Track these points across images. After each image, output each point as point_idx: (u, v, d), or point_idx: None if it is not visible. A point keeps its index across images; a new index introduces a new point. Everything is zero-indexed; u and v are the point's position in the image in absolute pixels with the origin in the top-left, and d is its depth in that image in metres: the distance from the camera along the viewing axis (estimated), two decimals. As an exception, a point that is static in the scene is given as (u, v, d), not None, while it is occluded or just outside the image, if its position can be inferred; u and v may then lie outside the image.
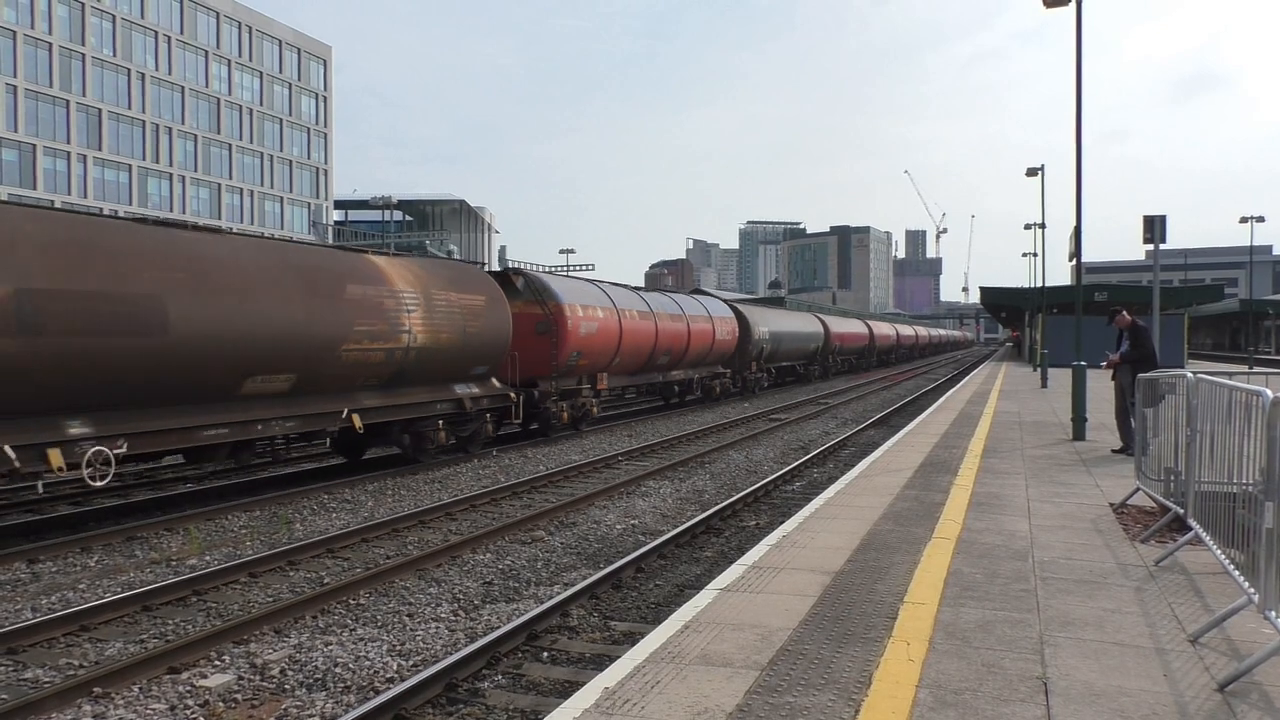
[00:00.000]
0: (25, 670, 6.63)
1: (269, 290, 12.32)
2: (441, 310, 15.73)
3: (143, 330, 10.58)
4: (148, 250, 10.98)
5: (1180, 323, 40.50)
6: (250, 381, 12.22)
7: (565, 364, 20.39)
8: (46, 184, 69.37)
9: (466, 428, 16.96)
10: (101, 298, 10.17)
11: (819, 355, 44.62)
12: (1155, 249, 19.63)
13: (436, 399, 15.98)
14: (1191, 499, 6.72)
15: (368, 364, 14.06)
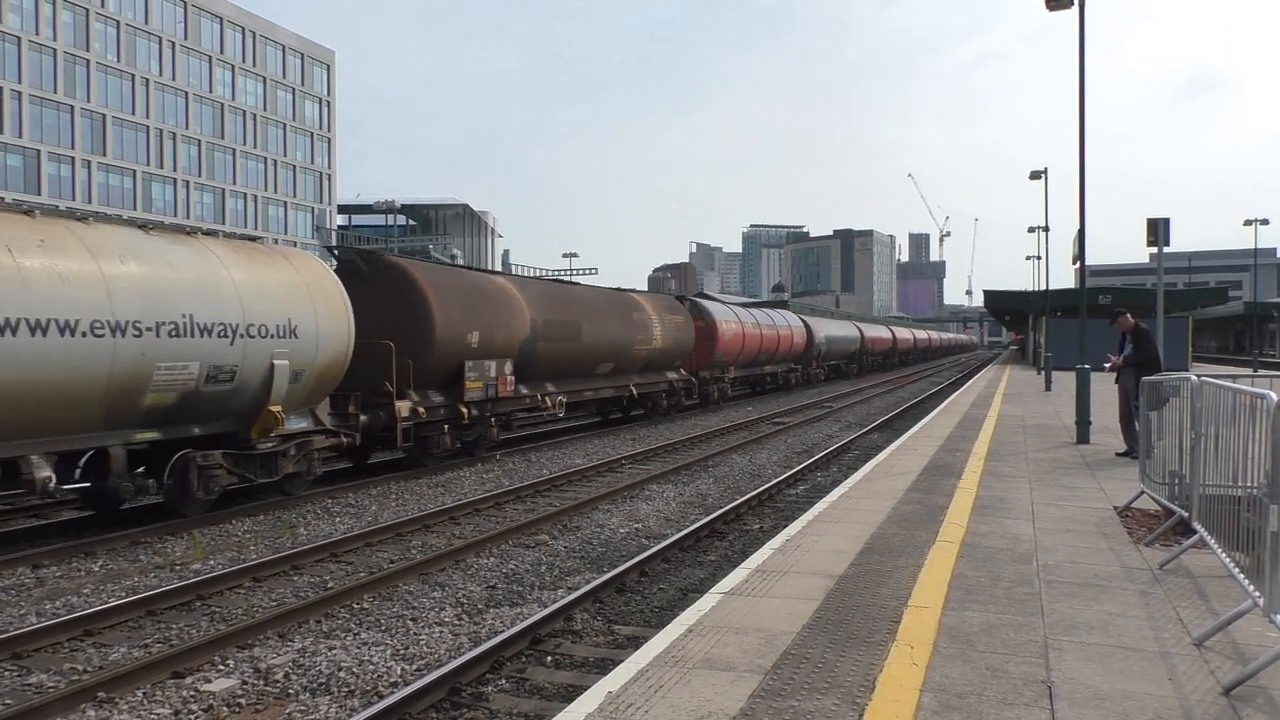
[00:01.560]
0: (30, 675, 6.64)
1: (607, 318, 22.61)
2: (667, 326, 25.99)
3: (575, 340, 20.77)
4: (573, 297, 21.79)
5: (1184, 326, 40.43)
6: (600, 366, 22.56)
7: (715, 360, 30.56)
8: (51, 189, 69.56)
9: (674, 398, 27.35)
10: (561, 323, 20.20)
11: (857, 355, 55.17)
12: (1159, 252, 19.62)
13: (661, 380, 26.29)
14: (1196, 502, 6.71)
15: (638, 358, 24.46)
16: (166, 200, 79.47)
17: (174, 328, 10.96)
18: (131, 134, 76.65)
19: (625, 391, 23.85)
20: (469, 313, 16.91)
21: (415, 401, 15.51)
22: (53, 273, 9.74)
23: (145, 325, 10.61)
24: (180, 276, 11.21)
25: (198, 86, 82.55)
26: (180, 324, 11.06)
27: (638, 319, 24.26)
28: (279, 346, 12.41)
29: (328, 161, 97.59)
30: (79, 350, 9.89)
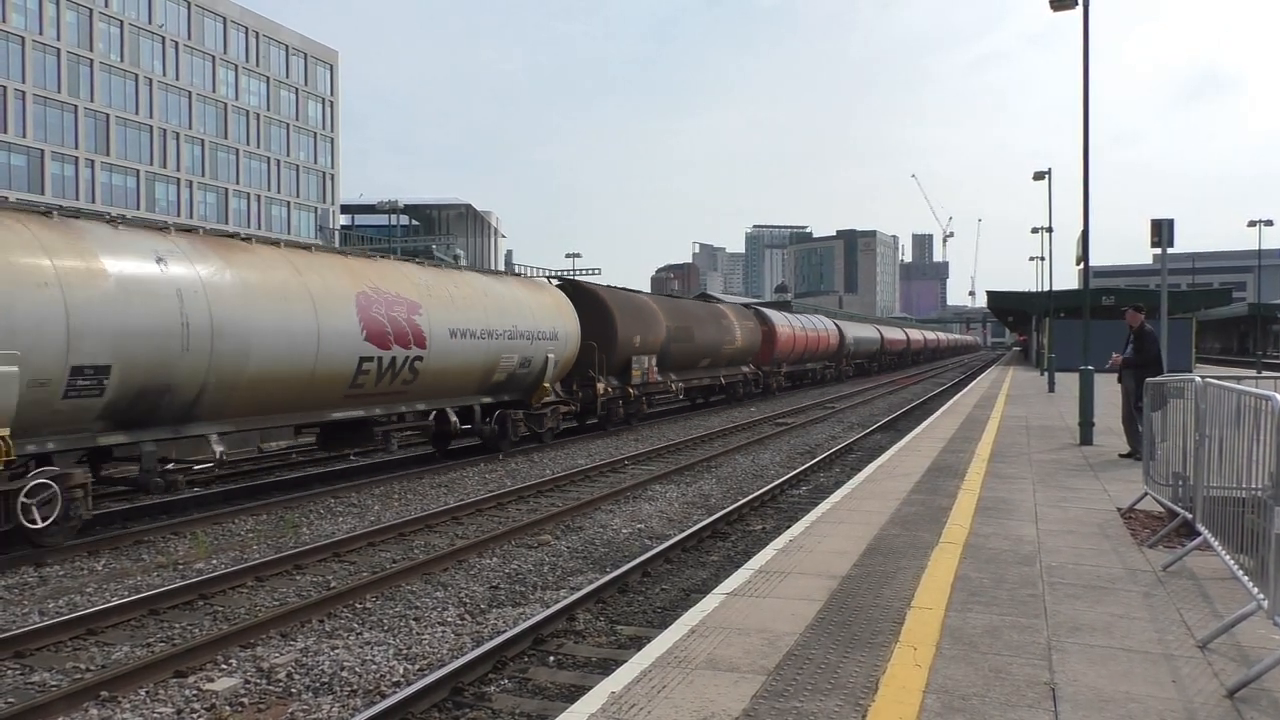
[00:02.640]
0: (33, 674, 6.65)
1: (706, 324, 29.25)
2: (743, 330, 32.58)
3: (690, 341, 27.13)
4: (687, 308, 28.84)
5: (1188, 327, 40.37)
6: (702, 360, 28.95)
7: (775, 358, 36.64)
8: (54, 189, 69.66)
9: (746, 388, 33.87)
10: (682, 329, 26.43)
11: (878, 354, 62.16)
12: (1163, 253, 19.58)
13: (738, 372, 32.82)
14: (1200, 504, 6.69)
15: (725, 355, 30.91)
16: (170, 200, 79.56)
17: (509, 334, 17.70)
18: (135, 134, 76.75)
19: (717, 380, 31.13)
20: (634, 322, 23.61)
21: (607, 384, 22.39)
22: (470, 301, 16.97)
23: (499, 333, 17.39)
24: (506, 302, 17.99)
25: (201, 86, 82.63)
26: (511, 331, 17.80)
27: (724, 324, 31.08)
28: (549, 345, 19.16)
29: (331, 161, 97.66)
30: (486, 347, 17.13)
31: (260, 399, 12.54)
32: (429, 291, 15.80)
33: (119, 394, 10.53)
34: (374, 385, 14.37)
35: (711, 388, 31.54)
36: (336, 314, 13.41)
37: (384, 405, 15.05)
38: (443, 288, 16.32)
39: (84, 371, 10.07)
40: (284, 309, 12.53)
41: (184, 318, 11.11)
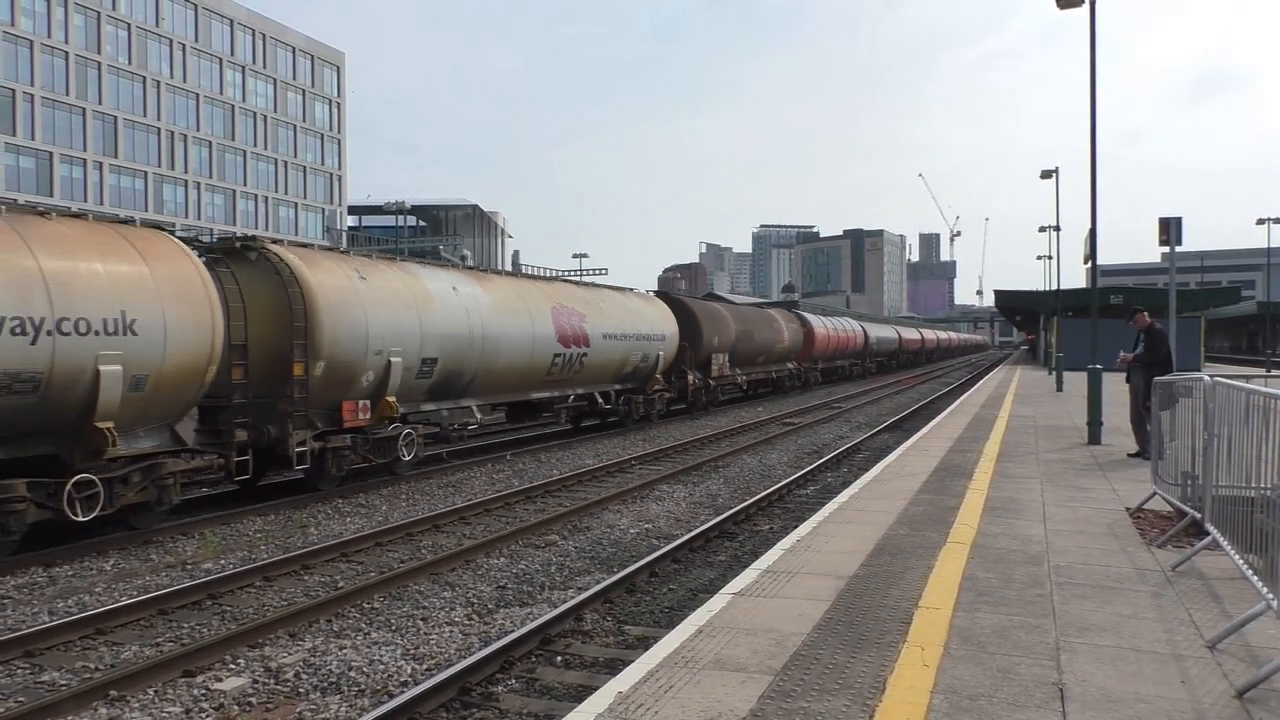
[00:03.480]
0: (42, 673, 6.67)
1: (762, 325, 34.07)
2: (789, 331, 37.47)
3: (751, 341, 32.07)
4: (749, 313, 34.62)
5: (1197, 326, 40.22)
6: (759, 357, 33.46)
7: (813, 356, 41.60)
8: (63, 191, 69.90)
9: (791, 382, 38.56)
10: (746, 331, 31.61)
11: (896, 352, 66.59)
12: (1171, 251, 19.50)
13: (784, 368, 37.62)
14: (1209, 503, 6.67)
15: (775, 353, 35.39)
16: (178, 202, 79.77)
17: (636, 336, 22.80)
18: (143, 136, 76.96)
19: (769, 374, 36.09)
20: (713, 326, 28.73)
21: (694, 376, 27.44)
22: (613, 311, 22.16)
23: (630, 336, 22.49)
24: (632, 312, 23.40)
25: (208, 88, 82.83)
26: (637, 335, 22.94)
27: (775, 326, 35.99)
28: (660, 345, 24.29)
29: (338, 162, 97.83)
30: (622, 346, 22.15)
31: (500, 383, 17.80)
32: (589, 304, 21.22)
33: (438, 377, 15.78)
34: (559, 374, 19.64)
35: (765, 381, 36.23)
36: (541, 323, 18.68)
37: (559, 389, 20.20)
38: (597, 301, 21.89)
39: (426, 361, 15.27)
40: (516, 320, 17.80)
41: (468, 327, 16.23)
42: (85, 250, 10.24)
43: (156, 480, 11.09)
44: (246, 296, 12.55)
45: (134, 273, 10.60)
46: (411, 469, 15.29)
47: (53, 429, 9.98)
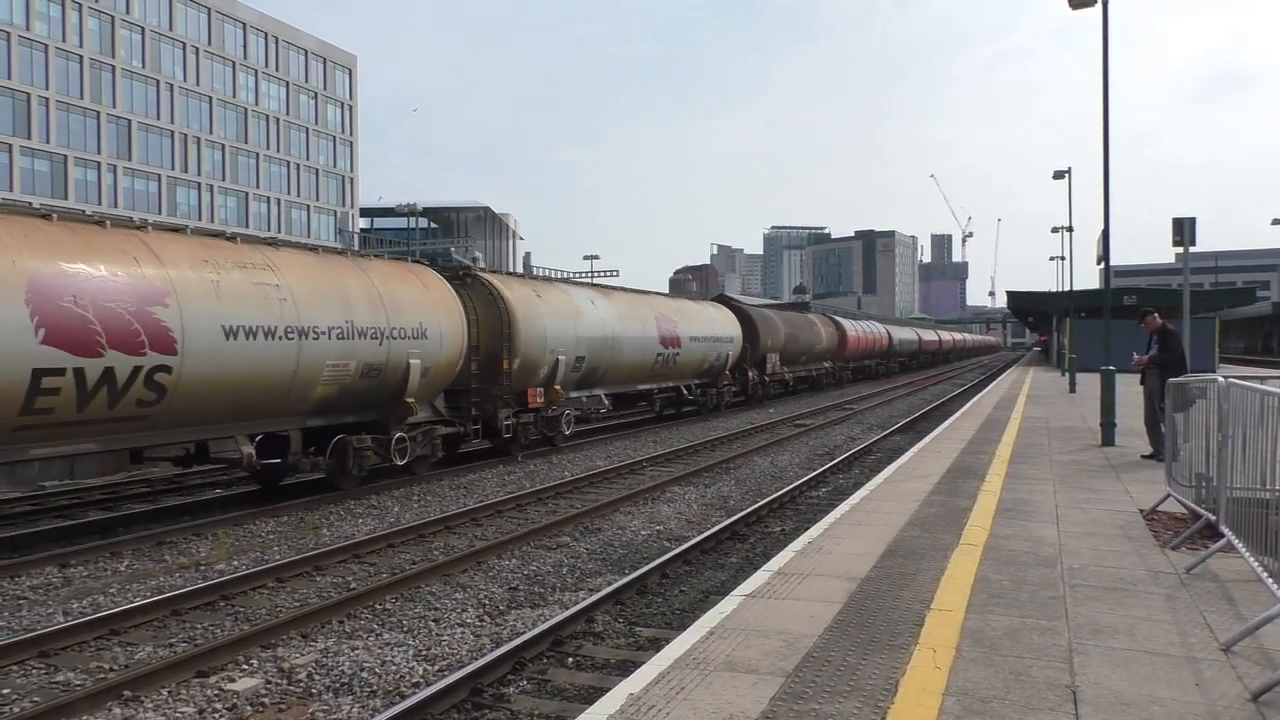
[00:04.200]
0: (57, 673, 6.72)
1: (806, 329, 38.78)
2: (826, 333, 41.27)
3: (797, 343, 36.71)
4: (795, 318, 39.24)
5: (1211, 326, 39.99)
6: (802, 357, 37.85)
7: (846, 356, 45.89)
8: (77, 194, 70.36)
9: (827, 379, 42.28)
10: (792, 334, 36.18)
11: (916, 353, 70.74)
12: (1185, 252, 19.40)
13: (821, 367, 41.30)
14: (1223, 505, 6.63)
15: (814, 354, 39.64)
16: (191, 205, 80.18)
17: (711, 339, 27.22)
18: (156, 139, 77.41)
19: (810, 372, 40.01)
20: (767, 330, 33.15)
21: (753, 373, 32.14)
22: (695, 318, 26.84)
23: (707, 338, 26.74)
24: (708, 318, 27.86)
25: (221, 91, 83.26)
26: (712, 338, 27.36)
27: (815, 329, 40.35)
28: (729, 347, 28.78)
29: (350, 165, 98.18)
30: (703, 347, 26.28)
31: (620, 376, 22.46)
32: (678, 313, 25.84)
33: (584, 371, 20.23)
34: (659, 370, 24.25)
35: (807, 378, 40.15)
36: (649, 328, 23.42)
37: (657, 382, 24.86)
38: (683, 311, 26.53)
39: (579, 359, 19.74)
40: (633, 327, 22.51)
41: (604, 332, 20.93)
42: (396, 279, 14.79)
43: (430, 440, 15.52)
44: (472, 311, 17.04)
45: (423, 295, 15.19)
46: (564, 440, 20.02)
47: (382, 403, 14.43)
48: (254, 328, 11.67)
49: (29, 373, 9.20)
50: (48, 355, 9.31)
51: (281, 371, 12.16)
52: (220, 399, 11.45)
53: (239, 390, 11.63)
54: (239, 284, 11.62)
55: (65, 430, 9.94)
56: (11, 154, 66.25)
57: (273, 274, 12.29)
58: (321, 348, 12.77)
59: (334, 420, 13.73)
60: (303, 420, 13.12)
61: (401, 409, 14.52)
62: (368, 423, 14.33)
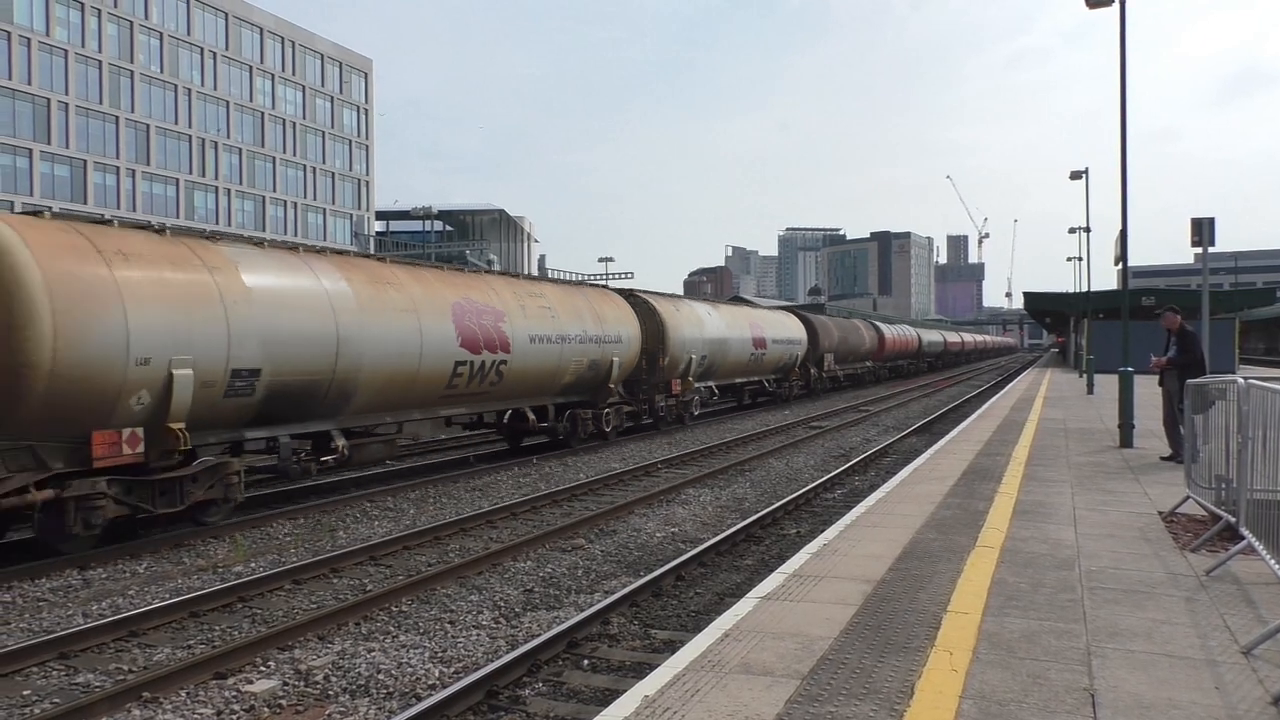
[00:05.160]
0: (77, 675, 6.77)
1: (854, 332, 44.14)
2: (869, 336, 46.98)
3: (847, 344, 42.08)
4: (843, 322, 44.67)
5: (1231, 327, 39.67)
6: (849, 358, 43.31)
7: (884, 356, 51.44)
8: (97, 198, 70.95)
9: (869, 376, 47.96)
10: (842, 336, 41.36)
11: (942, 354, 76.68)
12: (1204, 252, 19.26)
13: (864, 366, 47.27)
14: (1244, 507, 6.58)
15: (857, 354, 44.92)
16: (209, 208, 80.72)
17: (786, 341, 32.91)
18: (174, 143, 77.98)
19: (855, 370, 45.46)
20: (825, 333, 38.51)
21: (814, 370, 37.27)
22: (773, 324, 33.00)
23: (781, 341, 32.42)
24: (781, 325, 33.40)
25: (239, 96, 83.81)
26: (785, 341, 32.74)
27: (860, 333, 45.56)
28: (797, 348, 34.03)
29: (366, 168, 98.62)
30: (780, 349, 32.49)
31: (724, 371, 27.80)
32: (764, 319, 31.90)
33: (705, 366, 25.70)
34: (751, 366, 30.18)
35: (853, 375, 45.52)
36: (745, 333, 29.07)
37: (749, 376, 30.76)
38: (765, 318, 32.40)
39: (703, 358, 25.13)
40: (736, 332, 28.18)
41: (717, 336, 26.26)
42: (601, 300, 21.13)
43: (620, 414, 21.54)
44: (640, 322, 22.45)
45: (616, 311, 21.36)
46: (692, 419, 26.02)
47: (595, 388, 20.31)
48: (540, 335, 17.71)
49: (452, 363, 15.29)
50: (463, 354, 15.57)
51: (552, 364, 18.26)
52: (527, 382, 17.69)
53: (534, 376, 17.81)
54: (532, 308, 17.86)
55: (464, 398, 16.31)
56: (32, 158, 66.88)
57: (545, 300, 18.61)
58: (571, 349, 18.76)
59: (569, 399, 19.82)
60: (554, 398, 19.25)
61: (605, 393, 20.57)
62: (585, 401, 20.27)
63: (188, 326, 10.64)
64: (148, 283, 10.37)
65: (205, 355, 10.82)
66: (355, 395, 13.34)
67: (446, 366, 15.03)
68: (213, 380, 10.98)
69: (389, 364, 13.68)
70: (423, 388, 14.72)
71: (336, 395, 13.00)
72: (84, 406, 9.82)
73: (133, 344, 10.06)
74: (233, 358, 11.17)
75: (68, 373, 9.52)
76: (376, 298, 13.70)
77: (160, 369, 10.36)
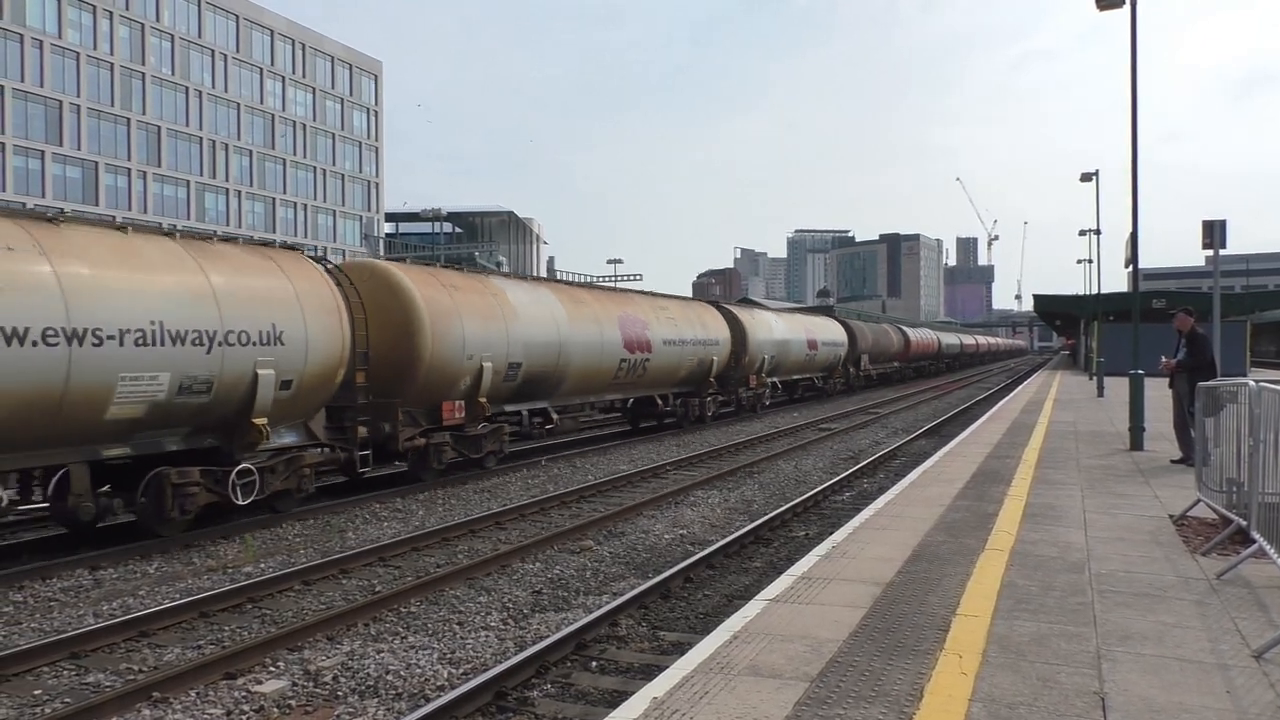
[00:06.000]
0: (87, 675, 6.79)
1: (885, 335, 49.85)
2: (897, 339, 52.06)
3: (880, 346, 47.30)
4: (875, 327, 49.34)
5: (1242, 330, 39.51)
6: (880, 358, 47.93)
7: (909, 357, 55.58)
8: (108, 200, 71.27)
9: (896, 375, 53.63)
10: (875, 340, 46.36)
11: (959, 355, 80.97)
12: (1215, 254, 19.16)
13: (892, 366, 52.10)
14: (1255, 510, 6.55)
15: (889, 355, 50.23)
16: (219, 210, 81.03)
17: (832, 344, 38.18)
18: (185, 145, 78.31)
19: (885, 370, 49.72)
20: (862, 336, 42.80)
21: (853, 369, 41.54)
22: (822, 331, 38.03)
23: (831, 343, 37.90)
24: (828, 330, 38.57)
25: (249, 98, 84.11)
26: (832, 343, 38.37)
27: (890, 335, 50.14)
28: (840, 350, 39.35)
29: (375, 170, 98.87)
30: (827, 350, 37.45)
31: (786, 369, 32.27)
32: (814, 325, 36.79)
33: (773, 365, 30.71)
34: (805, 365, 34.43)
35: (884, 374, 49.95)
36: (801, 336, 33.56)
37: (802, 373, 34.99)
38: (814, 323, 37.10)
39: (771, 358, 30.20)
40: (794, 336, 32.65)
41: (783, 339, 31.37)
42: (705, 311, 26.50)
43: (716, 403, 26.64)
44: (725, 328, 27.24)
45: (716, 319, 26.69)
46: (764, 409, 31.05)
47: (698, 381, 25.42)
48: (669, 339, 22.71)
49: (618, 360, 20.28)
50: (624, 353, 20.54)
51: (674, 362, 23.15)
52: (660, 375, 22.66)
53: (665, 371, 22.86)
54: (662, 318, 22.97)
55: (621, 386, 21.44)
56: (44, 160, 67.24)
57: (670, 312, 23.68)
58: (687, 350, 23.84)
59: (682, 390, 24.84)
60: (673, 388, 24.24)
61: (706, 385, 25.73)
62: (692, 392, 25.31)
63: (487, 333, 15.84)
64: (468, 305, 15.61)
65: (497, 353, 16.09)
66: (564, 383, 18.61)
67: (614, 363, 20.25)
68: (499, 370, 16.22)
69: (584, 360, 18.97)
70: (600, 378, 20.05)
71: (555, 382, 18.33)
72: (440, 385, 15.01)
73: (465, 345, 15.29)
74: (509, 355, 16.45)
75: (434, 363, 14.68)
76: (577, 313, 19.05)
77: (476, 361, 15.59)
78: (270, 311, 11.65)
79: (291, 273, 12.36)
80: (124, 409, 9.98)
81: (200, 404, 10.86)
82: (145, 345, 10.03)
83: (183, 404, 10.64)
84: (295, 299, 12.10)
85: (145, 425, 10.41)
